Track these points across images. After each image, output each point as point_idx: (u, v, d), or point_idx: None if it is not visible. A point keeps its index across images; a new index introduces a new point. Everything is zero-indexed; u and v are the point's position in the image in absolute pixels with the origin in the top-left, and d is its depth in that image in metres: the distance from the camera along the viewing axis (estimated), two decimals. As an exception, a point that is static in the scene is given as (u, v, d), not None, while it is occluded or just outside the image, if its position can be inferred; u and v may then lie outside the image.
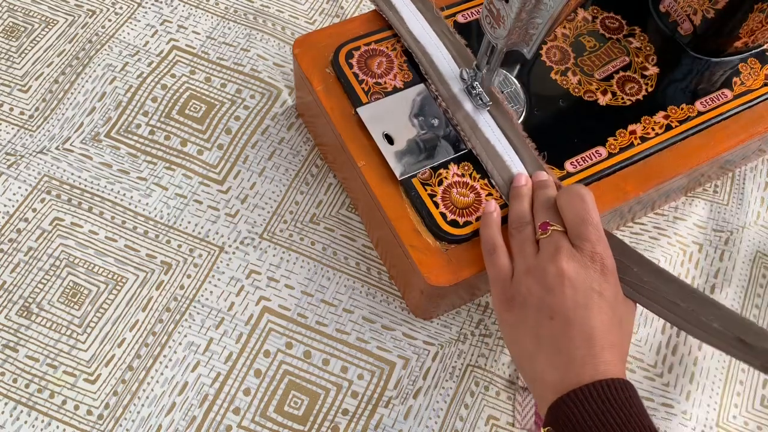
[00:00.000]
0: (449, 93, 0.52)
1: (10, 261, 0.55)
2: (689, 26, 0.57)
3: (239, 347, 0.53)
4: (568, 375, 0.40)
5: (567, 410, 0.39)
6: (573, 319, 0.41)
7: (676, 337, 0.56)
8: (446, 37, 0.54)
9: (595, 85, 0.55)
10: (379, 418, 0.52)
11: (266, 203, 0.58)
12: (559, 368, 0.41)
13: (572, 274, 0.42)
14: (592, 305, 0.41)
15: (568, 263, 0.42)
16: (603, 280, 0.42)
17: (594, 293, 0.42)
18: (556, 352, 0.41)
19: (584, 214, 0.44)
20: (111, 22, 0.65)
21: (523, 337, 0.43)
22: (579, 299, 0.41)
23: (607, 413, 0.38)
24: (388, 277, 0.57)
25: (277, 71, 0.64)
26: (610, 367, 0.40)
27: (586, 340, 0.41)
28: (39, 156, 0.59)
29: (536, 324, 0.42)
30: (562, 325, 0.41)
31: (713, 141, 0.54)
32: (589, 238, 0.43)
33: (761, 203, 0.63)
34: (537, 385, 0.42)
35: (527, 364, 0.43)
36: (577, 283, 0.42)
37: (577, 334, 0.41)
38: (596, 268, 0.42)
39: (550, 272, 0.42)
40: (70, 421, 0.50)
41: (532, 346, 0.43)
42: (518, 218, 0.47)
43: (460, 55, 0.53)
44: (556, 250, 0.43)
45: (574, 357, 0.40)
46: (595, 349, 0.40)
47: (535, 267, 0.43)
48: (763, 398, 0.55)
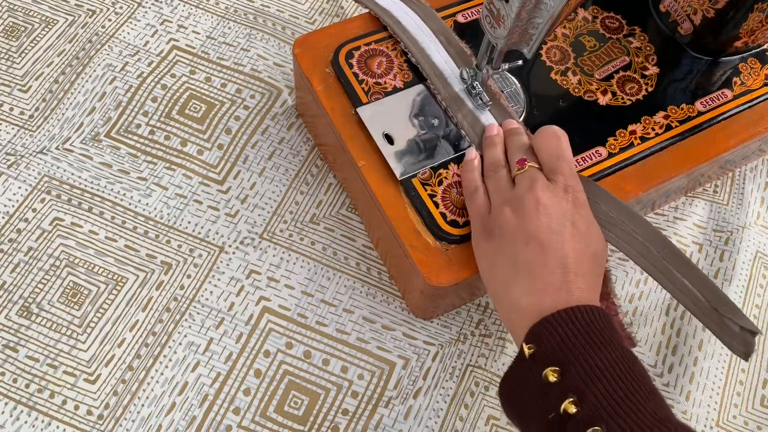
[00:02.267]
0: (450, 92, 0.52)
1: (10, 261, 0.55)
2: (689, 26, 0.57)
3: (239, 347, 0.53)
4: (544, 300, 0.41)
5: (550, 329, 0.40)
6: (547, 244, 0.43)
7: (676, 338, 0.56)
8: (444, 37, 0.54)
9: (595, 85, 0.55)
10: (379, 418, 0.52)
11: (266, 203, 0.58)
12: (534, 293, 0.42)
13: (547, 202, 0.44)
14: (565, 232, 0.43)
15: (543, 192, 0.44)
16: (575, 211, 0.44)
17: (567, 221, 0.44)
18: (531, 277, 0.42)
19: (558, 150, 0.46)
20: (111, 21, 0.65)
21: (499, 265, 0.45)
22: (553, 226, 0.43)
23: (588, 336, 0.39)
24: (388, 277, 0.57)
25: (277, 71, 0.64)
26: (584, 293, 0.42)
27: (560, 266, 0.42)
28: (39, 156, 0.59)
29: (512, 251, 0.44)
30: (537, 250, 0.43)
31: (713, 141, 0.54)
32: (562, 172, 0.45)
33: (761, 203, 0.63)
34: (513, 314, 0.43)
35: (503, 294, 0.44)
36: (551, 210, 0.44)
37: (551, 260, 0.42)
38: (568, 198, 0.45)
39: (526, 200, 0.44)
40: (70, 421, 0.50)
41: (508, 274, 0.44)
42: (493, 163, 0.49)
43: (459, 55, 0.53)
44: (532, 182, 0.45)
45: (549, 282, 0.42)
46: (569, 275, 0.42)
47: (511, 198, 0.45)
48: (763, 398, 0.55)
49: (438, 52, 0.53)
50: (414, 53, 0.53)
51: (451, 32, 0.54)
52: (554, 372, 0.38)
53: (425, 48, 0.53)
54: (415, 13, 0.55)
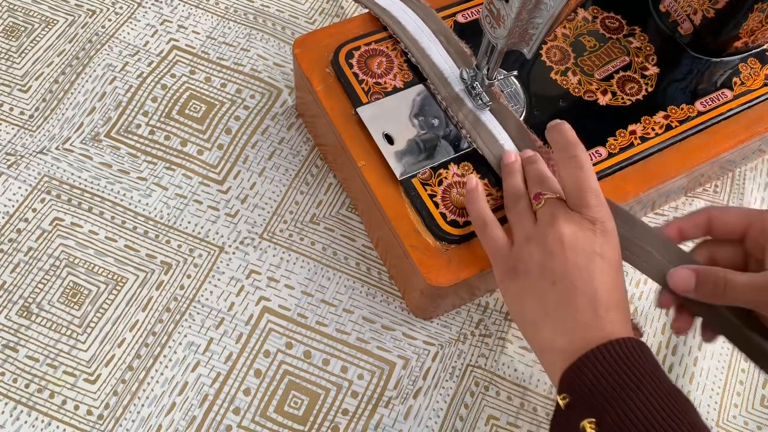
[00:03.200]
0: (450, 92, 0.52)
1: (10, 261, 0.55)
2: (689, 26, 0.57)
3: (239, 347, 0.53)
4: (576, 339, 0.40)
5: (581, 374, 0.38)
6: (576, 282, 0.41)
7: (675, 338, 0.56)
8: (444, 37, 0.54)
9: (595, 85, 0.55)
10: (379, 418, 0.52)
11: (266, 203, 0.58)
12: (565, 333, 0.41)
13: (571, 237, 0.42)
14: (594, 267, 0.41)
15: (566, 226, 0.42)
16: (604, 241, 0.42)
17: (595, 255, 0.41)
18: (561, 317, 0.41)
19: (582, 181, 0.44)
20: (111, 21, 0.65)
21: (527, 305, 0.43)
22: (580, 262, 0.41)
23: (621, 372, 0.37)
24: (388, 277, 0.57)
25: (277, 71, 0.64)
26: (616, 326, 0.40)
27: (590, 303, 0.40)
28: (39, 156, 0.59)
29: (540, 291, 0.42)
30: (566, 289, 0.41)
31: (713, 141, 0.54)
32: (588, 204, 0.43)
33: (761, 203, 0.63)
34: (546, 353, 0.42)
35: (534, 334, 0.43)
36: (577, 245, 0.42)
37: (580, 298, 0.41)
38: (595, 229, 0.42)
39: (549, 237, 0.42)
40: (70, 421, 0.50)
41: (537, 314, 0.42)
42: (512, 193, 0.47)
43: (459, 55, 0.53)
44: (552, 216, 0.43)
45: (579, 321, 0.40)
46: (599, 311, 0.40)
47: (534, 234, 0.43)
48: (763, 398, 0.55)
49: (438, 52, 0.53)
50: (414, 53, 0.53)
51: (450, 32, 0.54)
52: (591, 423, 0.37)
53: (425, 48, 0.53)
54: (414, 13, 0.55)
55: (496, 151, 0.50)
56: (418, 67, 0.53)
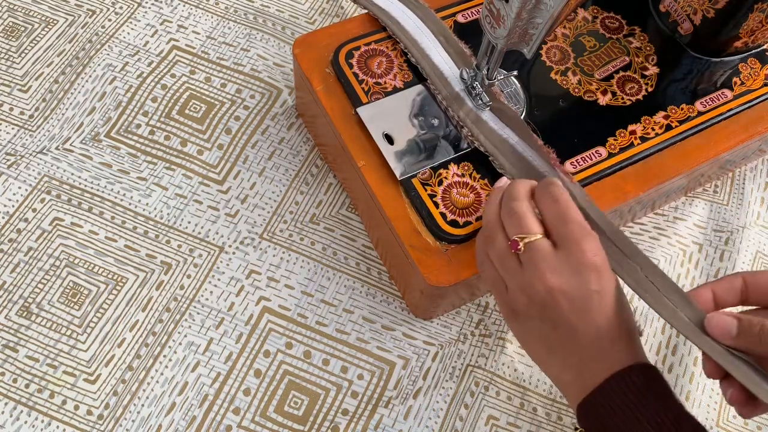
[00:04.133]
0: (450, 92, 0.52)
1: (10, 261, 0.55)
2: (689, 26, 0.57)
3: (239, 347, 0.53)
4: (584, 372, 0.41)
5: (593, 410, 0.39)
6: (576, 325, 0.40)
7: (676, 338, 0.56)
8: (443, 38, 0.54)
9: (595, 85, 0.55)
10: (379, 418, 0.52)
11: (266, 203, 0.58)
12: (572, 368, 0.41)
13: (563, 286, 0.40)
14: (593, 307, 0.40)
15: (554, 276, 0.40)
16: (597, 277, 0.40)
17: (592, 294, 0.40)
18: (566, 355, 0.41)
19: (562, 214, 0.41)
20: (111, 21, 0.65)
21: (532, 344, 0.44)
22: (577, 306, 0.40)
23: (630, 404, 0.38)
24: (388, 277, 0.57)
25: (277, 71, 0.64)
26: (622, 354, 0.40)
27: (595, 339, 0.40)
28: (39, 156, 0.59)
29: (542, 334, 0.42)
30: (567, 332, 0.41)
31: (713, 141, 0.54)
32: (572, 238, 0.41)
33: (761, 203, 0.63)
34: (558, 384, 0.44)
35: (543, 368, 0.44)
36: (571, 291, 0.40)
37: (583, 337, 0.40)
38: (587, 267, 0.40)
39: (539, 290, 0.41)
40: (70, 421, 0.50)
41: (543, 353, 0.43)
42: (485, 228, 0.45)
43: (458, 55, 0.53)
44: (537, 264, 0.41)
45: (584, 356, 0.41)
46: (603, 344, 0.40)
47: (524, 285, 0.41)
48: (763, 398, 0.55)
49: (438, 53, 0.53)
50: (414, 53, 0.53)
51: (450, 33, 0.54)
52: None
53: (425, 48, 0.53)
54: (413, 13, 0.55)
55: (501, 146, 0.50)
56: (418, 67, 0.53)
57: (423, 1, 0.56)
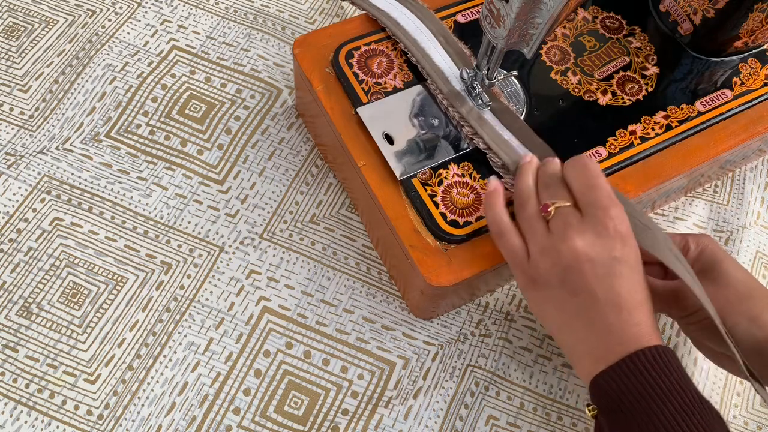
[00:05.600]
0: (451, 91, 0.52)
1: (10, 261, 0.55)
2: (689, 26, 0.57)
3: (239, 347, 0.53)
4: (600, 345, 0.40)
5: (607, 388, 0.39)
6: (597, 291, 0.40)
7: (676, 338, 0.56)
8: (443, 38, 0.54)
9: (595, 85, 0.55)
10: (379, 418, 0.52)
11: (266, 203, 0.58)
12: (587, 339, 0.41)
13: (587, 249, 0.41)
14: (614, 274, 0.41)
15: (580, 239, 0.41)
16: (621, 244, 0.41)
17: (614, 261, 0.41)
18: (584, 325, 0.41)
19: (591, 180, 0.43)
20: (111, 21, 0.65)
21: (549, 314, 0.43)
22: (599, 271, 0.41)
23: (647, 384, 0.38)
24: (388, 277, 0.57)
25: (277, 71, 0.64)
26: (640, 328, 0.40)
27: (613, 309, 0.40)
28: (39, 156, 0.59)
29: (560, 301, 0.42)
30: (587, 299, 0.41)
31: (713, 141, 0.54)
32: (599, 204, 0.42)
33: (761, 203, 0.63)
34: (571, 356, 0.43)
35: (559, 339, 0.44)
36: (594, 255, 0.41)
37: (602, 306, 0.40)
38: (610, 233, 0.41)
39: (563, 252, 0.41)
40: (70, 421, 0.50)
41: (560, 321, 0.43)
42: (520, 195, 0.46)
43: (458, 55, 0.53)
44: (564, 227, 0.42)
45: (602, 328, 0.40)
46: (623, 315, 0.40)
47: (549, 248, 0.42)
48: (763, 398, 0.55)
49: (437, 52, 0.53)
50: (414, 53, 0.53)
51: (449, 33, 0.54)
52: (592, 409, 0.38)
53: (425, 48, 0.53)
54: (412, 14, 0.55)
55: (505, 146, 0.50)
56: (418, 67, 0.53)
57: (422, 2, 0.56)
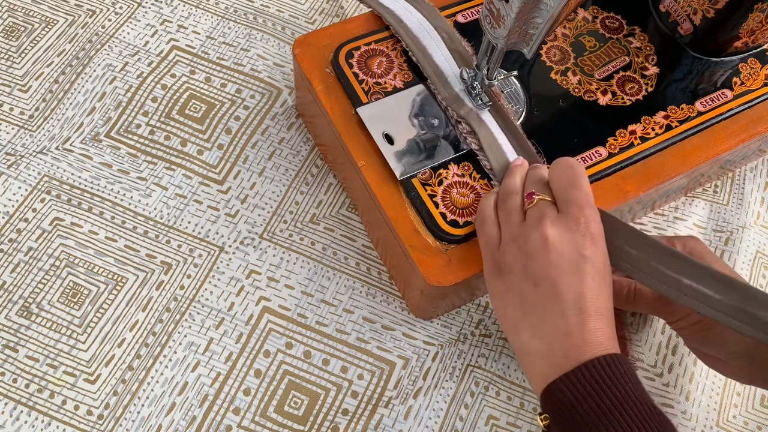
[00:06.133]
0: (450, 92, 0.52)
1: (10, 261, 0.55)
2: (689, 26, 0.57)
3: (239, 347, 0.53)
4: (553, 346, 0.39)
5: (560, 395, 0.38)
6: (559, 285, 0.40)
7: (676, 337, 0.56)
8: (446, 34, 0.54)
9: (595, 85, 0.55)
10: (379, 418, 0.52)
11: (266, 203, 0.58)
12: (544, 337, 0.40)
13: (556, 239, 0.41)
14: (579, 271, 0.40)
15: (552, 228, 0.41)
16: (591, 244, 0.41)
17: (582, 258, 0.40)
18: (540, 320, 0.40)
19: (572, 179, 0.43)
20: (111, 21, 0.65)
21: (509, 305, 0.42)
22: (564, 264, 0.40)
23: (602, 394, 0.37)
24: (388, 277, 0.57)
25: (277, 71, 0.64)
26: (597, 336, 0.39)
27: (574, 308, 0.39)
28: (39, 156, 0.59)
29: (521, 292, 0.41)
30: (548, 292, 0.40)
31: (713, 141, 0.54)
32: (576, 202, 0.42)
33: (761, 203, 0.63)
34: (524, 356, 0.41)
35: (513, 336, 0.42)
36: (562, 248, 0.41)
37: (562, 302, 0.39)
38: (581, 231, 0.41)
39: (533, 238, 0.41)
40: (70, 421, 0.50)
41: (517, 315, 0.42)
42: (505, 190, 0.46)
43: (460, 55, 0.53)
44: (540, 217, 0.42)
45: (558, 326, 0.39)
46: (582, 317, 0.39)
47: (519, 235, 0.43)
48: (763, 398, 0.55)
49: (439, 51, 0.53)
50: (415, 52, 0.53)
51: (453, 30, 0.54)
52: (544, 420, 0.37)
53: (426, 46, 0.53)
54: (418, 11, 0.55)
55: (497, 151, 0.50)
56: (419, 66, 0.53)
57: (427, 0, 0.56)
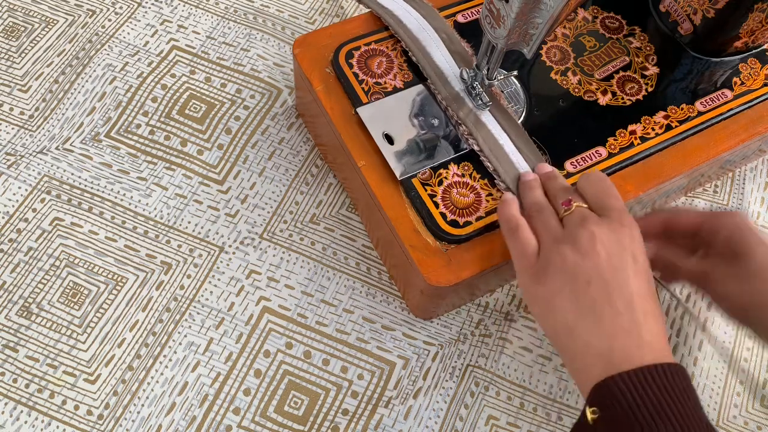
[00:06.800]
0: (450, 92, 0.52)
1: (10, 261, 0.55)
2: (689, 26, 0.57)
3: (239, 347, 0.53)
4: (614, 345, 0.38)
5: (618, 393, 0.37)
6: (611, 282, 0.40)
7: (676, 338, 0.56)
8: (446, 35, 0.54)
9: (595, 85, 0.55)
10: (379, 418, 0.52)
11: (266, 203, 0.58)
12: (602, 337, 0.39)
13: (604, 236, 0.41)
14: (629, 268, 0.40)
15: (597, 227, 0.41)
16: (634, 246, 0.41)
17: (628, 256, 0.41)
18: (598, 319, 0.39)
19: (607, 189, 0.44)
20: (111, 21, 0.65)
21: (559, 309, 0.41)
22: (615, 262, 0.40)
23: (665, 403, 0.36)
24: (388, 277, 0.57)
25: (277, 71, 0.64)
26: (655, 338, 0.39)
27: (627, 306, 0.39)
28: (39, 156, 0.59)
29: (573, 292, 0.40)
30: (601, 289, 0.40)
31: (713, 141, 0.54)
32: (615, 207, 0.43)
33: (761, 203, 0.63)
34: (581, 358, 0.40)
35: (567, 339, 0.41)
36: (610, 245, 0.41)
37: (617, 299, 0.39)
38: (626, 233, 0.41)
39: (581, 236, 0.41)
40: (70, 421, 0.50)
41: (571, 317, 0.40)
42: (535, 203, 0.46)
43: (459, 55, 0.53)
44: (583, 219, 0.42)
45: (617, 324, 0.39)
46: (637, 315, 0.39)
47: (564, 236, 0.42)
48: (763, 398, 0.55)
49: (439, 51, 0.53)
50: (414, 52, 0.53)
51: (452, 31, 0.54)
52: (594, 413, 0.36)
53: (426, 46, 0.53)
54: (417, 11, 0.55)
55: (499, 153, 0.50)
56: (419, 66, 0.53)
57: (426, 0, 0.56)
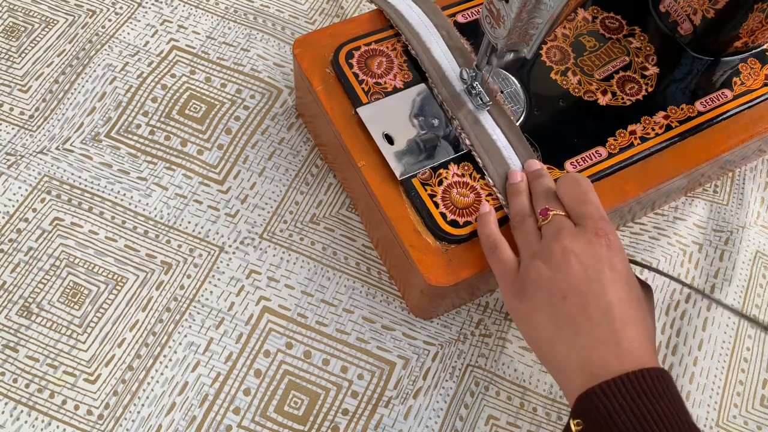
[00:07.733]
0: (450, 91, 0.52)
1: (10, 261, 0.55)
2: (689, 26, 0.57)
3: (239, 347, 0.53)
4: (593, 356, 0.39)
5: (598, 403, 0.37)
6: (587, 295, 0.40)
7: (675, 337, 0.56)
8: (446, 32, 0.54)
9: (595, 85, 0.55)
10: (379, 418, 0.52)
11: (266, 203, 0.58)
12: (582, 349, 0.39)
13: (578, 249, 0.41)
14: (605, 279, 0.40)
15: (571, 240, 0.42)
16: (611, 254, 0.42)
17: (605, 266, 0.41)
18: (575, 333, 0.40)
19: (580, 195, 0.44)
20: (111, 22, 0.65)
21: (539, 323, 0.42)
22: (590, 274, 0.41)
23: (642, 407, 0.36)
24: (388, 277, 0.57)
25: (277, 71, 0.64)
26: (634, 345, 0.39)
27: (605, 316, 0.39)
28: (39, 156, 0.59)
29: (550, 307, 0.41)
30: (577, 302, 0.40)
31: (713, 141, 0.54)
32: (589, 216, 0.43)
33: (761, 203, 0.63)
34: (562, 372, 0.41)
35: (549, 353, 0.42)
36: (585, 258, 0.41)
37: (594, 311, 0.40)
38: (601, 242, 0.42)
39: (555, 251, 0.42)
40: (70, 421, 0.50)
41: (550, 331, 0.41)
42: (518, 212, 0.47)
43: (460, 53, 0.53)
44: (558, 231, 0.43)
45: (595, 336, 0.39)
46: (615, 325, 0.39)
47: (539, 250, 0.43)
48: (763, 398, 0.55)
49: (440, 49, 0.53)
50: (415, 46, 0.53)
51: (453, 28, 0.54)
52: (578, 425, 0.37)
53: (427, 43, 0.53)
54: (419, 7, 0.55)
55: (495, 156, 0.50)
56: (419, 62, 0.53)
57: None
